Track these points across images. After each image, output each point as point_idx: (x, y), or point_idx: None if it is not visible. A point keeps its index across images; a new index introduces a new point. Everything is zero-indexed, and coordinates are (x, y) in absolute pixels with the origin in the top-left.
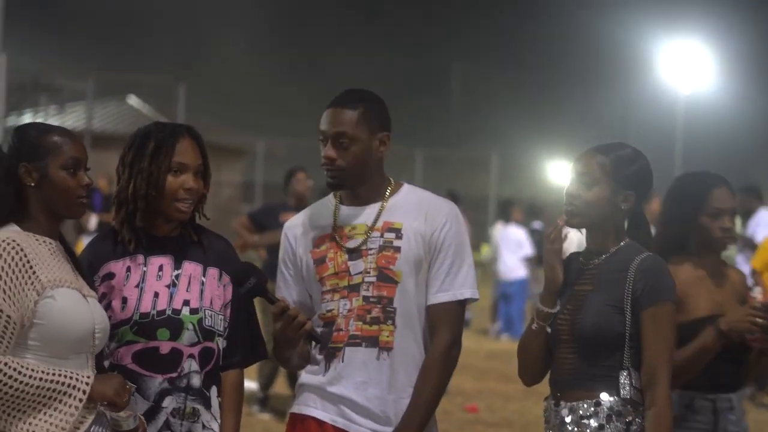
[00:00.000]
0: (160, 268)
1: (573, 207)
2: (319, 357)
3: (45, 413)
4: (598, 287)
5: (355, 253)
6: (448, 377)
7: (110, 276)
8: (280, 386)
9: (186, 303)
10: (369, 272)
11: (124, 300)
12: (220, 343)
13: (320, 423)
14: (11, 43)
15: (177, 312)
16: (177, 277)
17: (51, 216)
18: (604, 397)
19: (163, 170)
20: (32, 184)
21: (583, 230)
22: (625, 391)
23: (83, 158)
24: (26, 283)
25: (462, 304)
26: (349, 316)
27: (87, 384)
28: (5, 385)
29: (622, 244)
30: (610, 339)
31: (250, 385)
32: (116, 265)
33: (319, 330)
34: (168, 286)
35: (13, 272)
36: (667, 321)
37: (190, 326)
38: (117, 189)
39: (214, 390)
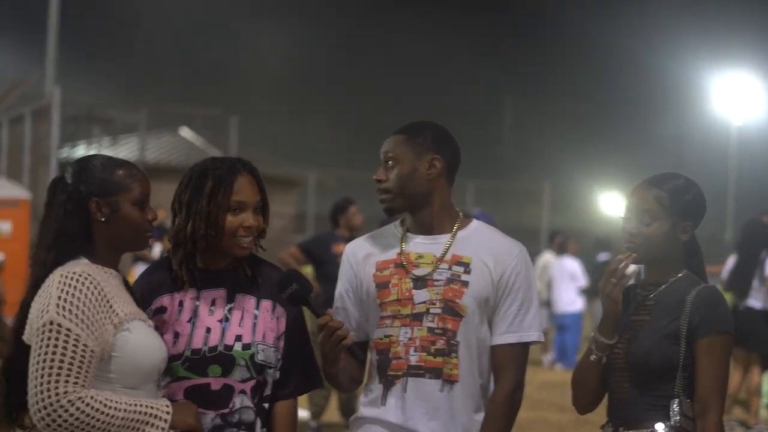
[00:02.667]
0: (213, 302)
1: (634, 244)
2: (376, 385)
3: None
4: (655, 318)
5: (420, 282)
6: (513, 420)
7: (162, 310)
8: (332, 414)
9: (238, 338)
10: (434, 303)
11: (176, 335)
12: (271, 375)
13: None
14: (65, 76)
15: (229, 348)
16: (230, 311)
17: (116, 249)
18: (659, 427)
19: (222, 210)
20: (102, 219)
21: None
22: (676, 420)
23: (149, 192)
24: (105, 317)
25: (527, 347)
26: (409, 345)
27: (168, 413)
28: (92, 418)
29: (680, 275)
30: (665, 369)
31: (302, 413)
32: (168, 299)
33: (374, 358)
34: (220, 321)
35: (94, 306)
36: (721, 352)
37: (242, 362)
38: (174, 228)
39: (258, 422)
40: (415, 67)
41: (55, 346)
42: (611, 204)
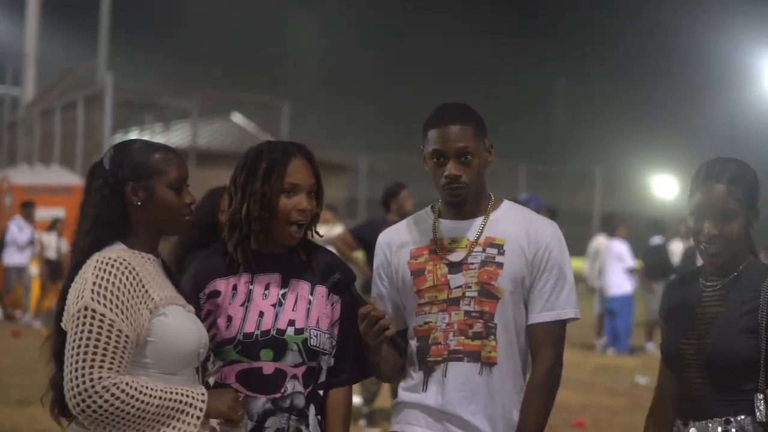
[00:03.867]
0: (267, 286)
1: (715, 246)
2: (416, 371)
3: (164, 431)
4: (729, 309)
5: (455, 267)
6: (553, 397)
7: (216, 294)
8: (384, 400)
9: (291, 323)
10: (470, 287)
11: (229, 319)
12: (326, 362)
13: None
14: (117, 63)
15: (281, 332)
16: (284, 295)
17: (154, 233)
18: (736, 417)
19: (276, 192)
20: (138, 203)
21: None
22: (761, 414)
23: (186, 176)
24: (140, 302)
25: (564, 324)
26: (448, 330)
27: (203, 402)
28: (127, 404)
29: (747, 261)
30: (744, 364)
31: (354, 399)
32: (222, 282)
33: (414, 344)
34: (274, 306)
35: (129, 291)
36: None
37: (295, 347)
38: (230, 211)
39: (312, 408)
40: (467, 50)
41: (90, 331)
42: (663, 187)
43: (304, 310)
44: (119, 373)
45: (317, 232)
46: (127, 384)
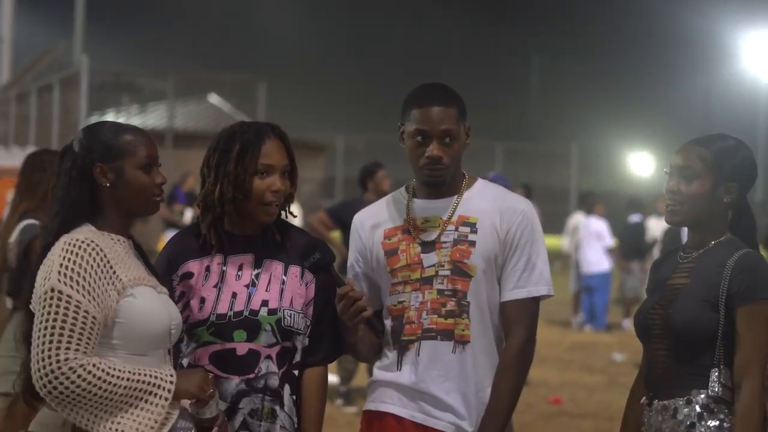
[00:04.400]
0: (240, 267)
1: (674, 203)
2: (391, 350)
3: (132, 413)
4: (694, 281)
5: (428, 246)
6: (525, 374)
7: (189, 275)
8: (362, 379)
9: (264, 303)
10: (443, 265)
11: (202, 300)
12: (300, 341)
13: (399, 419)
14: (93, 45)
15: (254, 313)
16: (257, 276)
17: (124, 215)
18: (697, 394)
19: (249, 173)
20: (107, 185)
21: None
22: (715, 390)
23: (156, 156)
24: (108, 283)
25: (537, 301)
26: (421, 309)
27: (171, 383)
28: (94, 386)
29: (722, 238)
30: (703, 336)
31: (331, 378)
32: (195, 264)
33: (388, 323)
34: (247, 286)
35: (96, 272)
36: (762, 320)
37: (268, 327)
38: (203, 192)
39: (287, 388)
40: (442, 29)
41: (56, 313)
42: (640, 164)
43: (277, 290)
44: (86, 355)
45: (291, 213)
46: (94, 365)
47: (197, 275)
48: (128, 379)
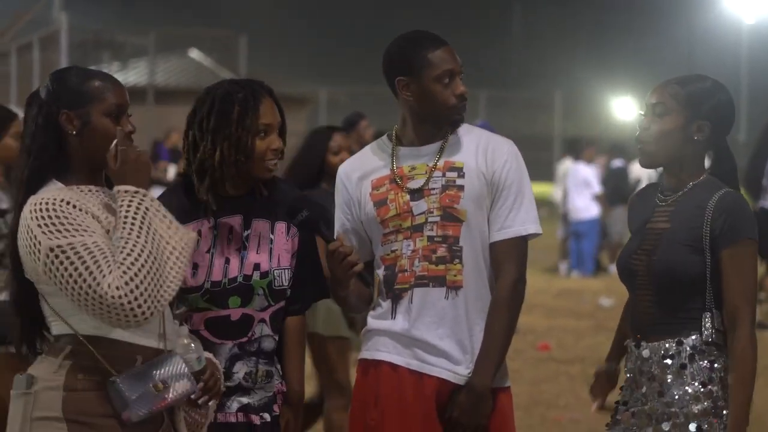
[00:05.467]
0: (230, 230)
1: (645, 143)
2: (384, 299)
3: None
4: (675, 225)
5: (417, 194)
6: (517, 313)
7: None
8: None
9: (257, 267)
10: (432, 212)
11: (195, 266)
12: (287, 295)
13: (394, 367)
14: (71, 2)
15: (248, 278)
16: (247, 238)
17: (93, 166)
18: (687, 335)
19: (252, 135)
20: (74, 132)
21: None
22: (707, 334)
23: (126, 104)
24: (93, 221)
25: (525, 240)
26: (413, 257)
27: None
28: (147, 279)
29: (701, 178)
30: (688, 280)
31: None
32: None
33: (381, 273)
34: (238, 250)
35: (76, 216)
36: (747, 260)
37: (261, 291)
38: (199, 156)
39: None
40: None
41: (71, 264)
42: (623, 109)
43: (267, 251)
44: (112, 271)
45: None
46: (122, 271)
47: None
48: (148, 248)
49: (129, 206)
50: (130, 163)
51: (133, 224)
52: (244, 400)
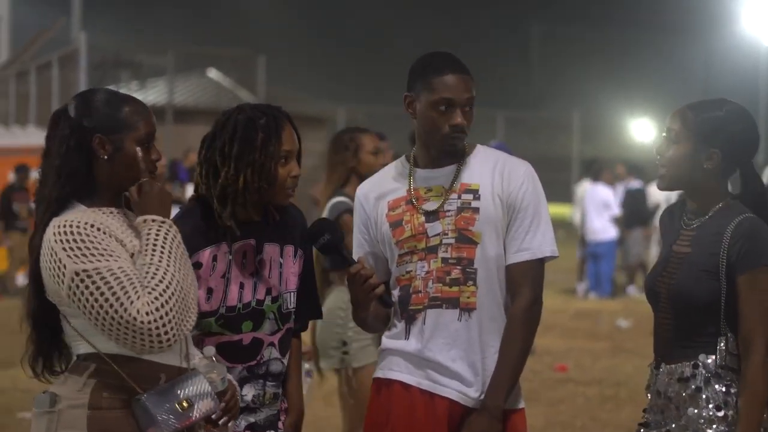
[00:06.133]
0: (244, 255)
1: (660, 163)
2: (399, 320)
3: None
4: (695, 250)
5: (432, 216)
6: (533, 336)
7: (197, 266)
8: None
9: (269, 292)
10: (447, 234)
11: (209, 291)
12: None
13: (406, 386)
14: (91, 22)
15: (260, 303)
16: (259, 263)
17: (116, 189)
18: (703, 359)
19: (275, 161)
20: (105, 157)
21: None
22: (722, 357)
23: (155, 132)
24: (117, 245)
25: (542, 263)
26: (427, 278)
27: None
28: (168, 306)
29: (721, 205)
30: (704, 305)
31: None
32: (205, 253)
33: (396, 293)
34: (252, 275)
35: (101, 240)
36: (764, 287)
37: (272, 315)
38: (221, 182)
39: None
40: (440, 1)
41: (97, 288)
42: (641, 131)
43: (277, 275)
44: (140, 297)
45: None
46: (149, 302)
47: (205, 265)
48: (171, 274)
49: (158, 234)
50: (154, 195)
51: (162, 252)
52: (251, 418)
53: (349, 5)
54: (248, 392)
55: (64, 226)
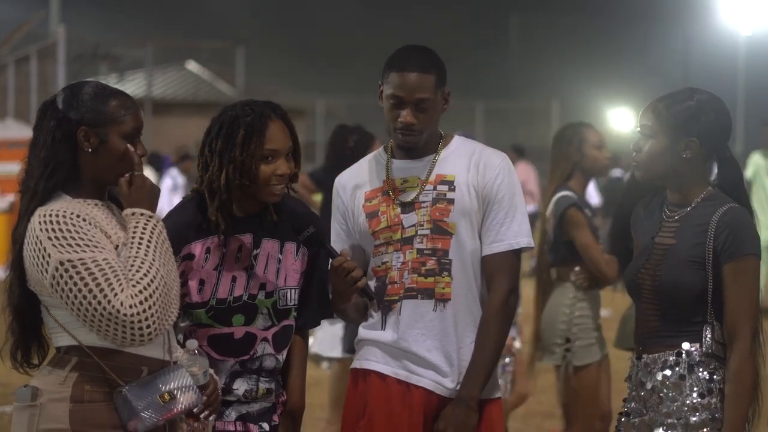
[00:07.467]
0: (240, 249)
1: (637, 161)
2: (376, 311)
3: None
4: (680, 241)
5: (407, 207)
6: (508, 327)
7: (190, 257)
8: None
9: (262, 287)
10: (422, 225)
11: (201, 282)
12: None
13: (382, 376)
14: (69, 15)
15: (253, 297)
16: (255, 257)
17: (100, 182)
18: (687, 347)
19: (256, 159)
20: (89, 150)
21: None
22: (707, 345)
23: (141, 127)
24: (101, 236)
25: (518, 254)
26: (403, 269)
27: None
28: (156, 297)
29: (705, 193)
30: (691, 295)
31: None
32: (197, 245)
33: (372, 284)
34: (246, 269)
35: (86, 230)
36: (749, 276)
37: (265, 310)
38: (208, 177)
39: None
40: None
41: (81, 279)
42: (620, 120)
43: (274, 271)
44: (123, 289)
45: (293, 189)
46: (135, 293)
47: (198, 257)
48: (154, 262)
49: (144, 228)
50: (145, 189)
51: (149, 246)
52: (243, 409)
53: None
54: (240, 386)
55: (50, 215)
